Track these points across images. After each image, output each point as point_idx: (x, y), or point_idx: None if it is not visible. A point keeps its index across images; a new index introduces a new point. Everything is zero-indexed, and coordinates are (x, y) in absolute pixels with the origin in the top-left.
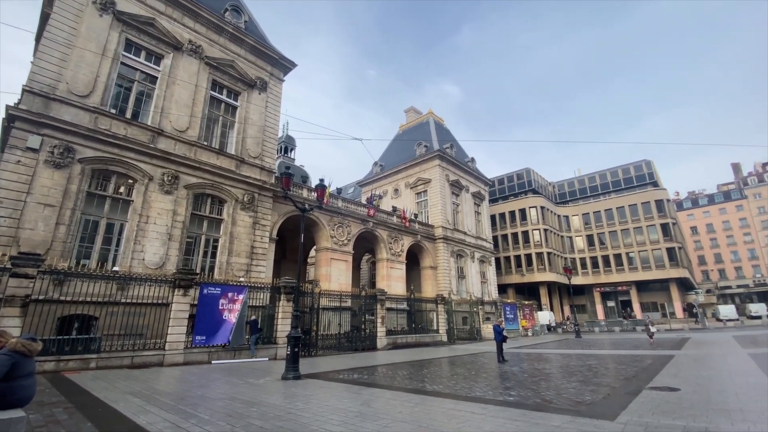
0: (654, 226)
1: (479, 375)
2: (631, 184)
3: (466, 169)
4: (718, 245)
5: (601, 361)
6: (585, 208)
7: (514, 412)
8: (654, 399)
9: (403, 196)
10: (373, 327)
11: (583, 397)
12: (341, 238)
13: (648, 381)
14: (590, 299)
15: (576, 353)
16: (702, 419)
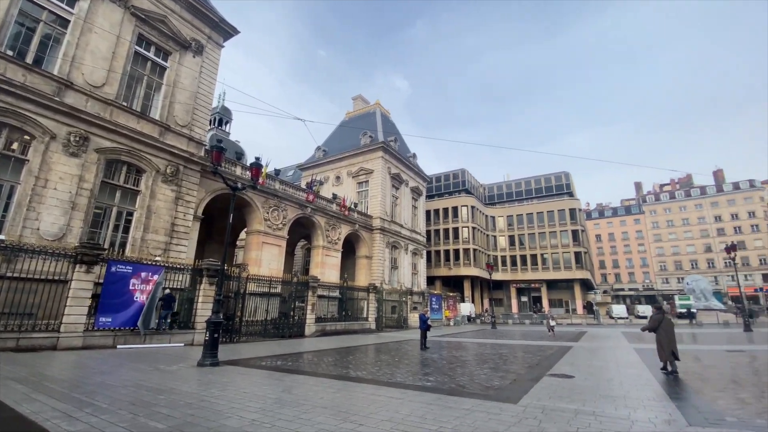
0: (566, 231)
1: (402, 362)
2: (551, 193)
3: (407, 164)
4: (617, 252)
5: (511, 350)
6: (510, 210)
7: (431, 396)
8: (552, 385)
9: (345, 185)
10: (302, 314)
11: (493, 383)
12: (276, 222)
13: (548, 369)
14: (507, 294)
15: (490, 342)
16: (591, 404)
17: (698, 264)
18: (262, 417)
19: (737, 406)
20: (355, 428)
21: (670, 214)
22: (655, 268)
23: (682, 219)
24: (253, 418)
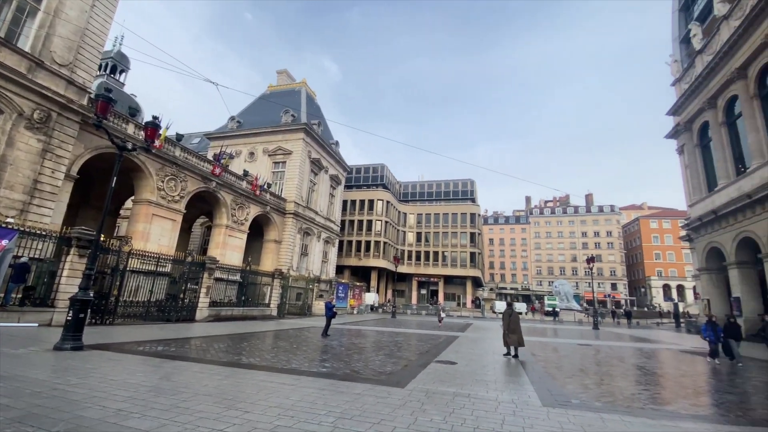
0: (466, 233)
1: (300, 348)
2: (457, 197)
3: (329, 151)
4: (504, 255)
5: (406, 338)
6: (421, 209)
7: (324, 382)
8: (437, 370)
9: (259, 162)
10: (194, 297)
11: (386, 368)
12: (172, 193)
13: (436, 355)
14: (409, 286)
15: (389, 331)
16: (468, 387)
17: (565, 270)
18: (131, 406)
19: (581, 390)
20: (239, 416)
21: (550, 227)
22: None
23: (557, 231)
24: (120, 408)
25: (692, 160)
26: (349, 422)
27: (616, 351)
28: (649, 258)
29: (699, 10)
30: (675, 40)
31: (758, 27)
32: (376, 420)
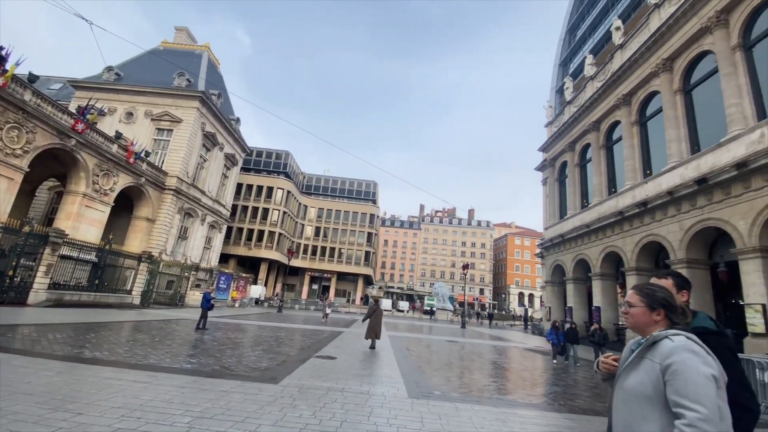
0: (363, 232)
1: (163, 342)
2: (360, 196)
3: (228, 127)
4: (396, 257)
5: (289, 333)
6: (323, 203)
7: (186, 379)
8: (316, 365)
9: (139, 126)
10: (29, 276)
11: (261, 364)
12: (13, 144)
13: (317, 351)
14: (301, 281)
15: (271, 325)
16: (343, 381)
17: (445, 274)
18: None
19: (444, 382)
20: (69, 418)
21: (437, 234)
22: (418, 273)
23: (443, 239)
24: None
25: (551, 191)
26: (208, 422)
27: (476, 348)
28: (511, 269)
29: (574, 67)
30: (552, 89)
31: (615, 89)
32: (240, 418)
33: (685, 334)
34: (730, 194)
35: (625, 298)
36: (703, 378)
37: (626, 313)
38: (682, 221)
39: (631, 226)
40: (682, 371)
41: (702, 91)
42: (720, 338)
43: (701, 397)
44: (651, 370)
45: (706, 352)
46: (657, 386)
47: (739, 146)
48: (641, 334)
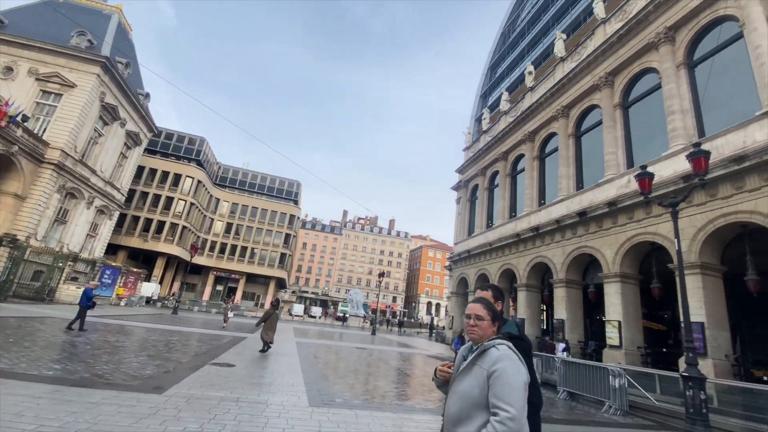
0: (281, 233)
1: (20, 344)
2: (281, 195)
3: (134, 102)
4: (313, 261)
5: (183, 338)
6: (238, 198)
7: (45, 388)
8: (210, 373)
9: (19, 84)
10: None
11: (144, 372)
12: None
13: (214, 357)
14: (204, 280)
15: (163, 328)
16: (239, 391)
17: (361, 281)
18: None
19: (348, 389)
20: None
21: (357, 241)
22: (335, 279)
23: (363, 246)
24: None
25: (463, 210)
26: None
27: (384, 355)
28: (423, 279)
29: (492, 101)
30: (473, 117)
31: (523, 126)
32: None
33: (507, 343)
34: (602, 227)
35: (469, 310)
36: (518, 384)
37: (474, 326)
38: (565, 247)
39: (525, 248)
40: (503, 376)
41: (589, 138)
42: (521, 342)
43: (514, 399)
44: (480, 375)
45: (520, 360)
46: (483, 389)
47: (611, 188)
48: (479, 343)
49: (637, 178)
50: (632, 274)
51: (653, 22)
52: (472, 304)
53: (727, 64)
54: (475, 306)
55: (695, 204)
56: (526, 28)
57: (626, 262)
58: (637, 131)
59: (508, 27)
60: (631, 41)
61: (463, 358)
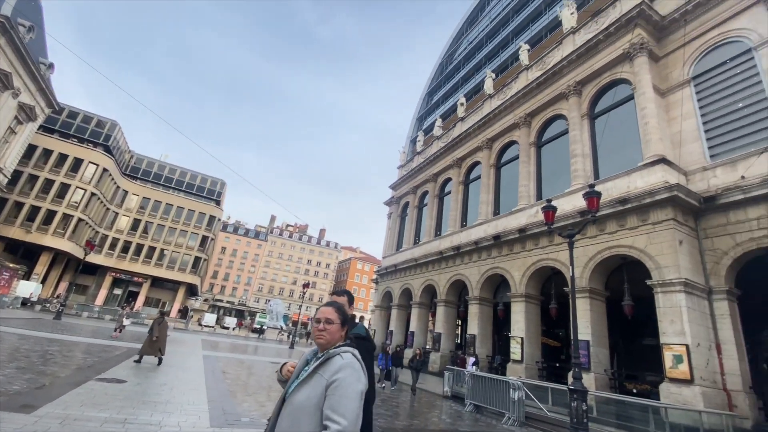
0: (198, 235)
1: None
2: (201, 194)
3: (33, 71)
4: (232, 267)
5: (65, 348)
6: (151, 193)
7: None
8: (94, 390)
9: None
10: None
11: (10, 387)
12: None
13: (101, 372)
14: (99, 282)
15: (40, 336)
16: (127, 410)
17: (284, 292)
18: None
19: (256, 408)
20: None
21: (284, 249)
22: (254, 287)
23: (289, 255)
24: None
25: (394, 225)
26: None
27: None
28: None
29: (427, 124)
30: (408, 137)
31: (452, 152)
32: None
33: (352, 351)
34: (513, 251)
35: (319, 314)
36: (355, 394)
37: (323, 330)
38: (481, 266)
39: (446, 265)
40: (341, 387)
41: (507, 169)
42: (367, 343)
43: (347, 411)
44: (319, 385)
45: (362, 368)
46: (320, 401)
47: (523, 216)
48: (325, 348)
49: (543, 210)
50: (535, 295)
51: (566, 75)
52: (324, 308)
53: (620, 119)
54: (327, 309)
55: (588, 236)
56: (462, 62)
57: (531, 284)
58: (547, 168)
59: (446, 58)
60: (547, 89)
61: (306, 363)
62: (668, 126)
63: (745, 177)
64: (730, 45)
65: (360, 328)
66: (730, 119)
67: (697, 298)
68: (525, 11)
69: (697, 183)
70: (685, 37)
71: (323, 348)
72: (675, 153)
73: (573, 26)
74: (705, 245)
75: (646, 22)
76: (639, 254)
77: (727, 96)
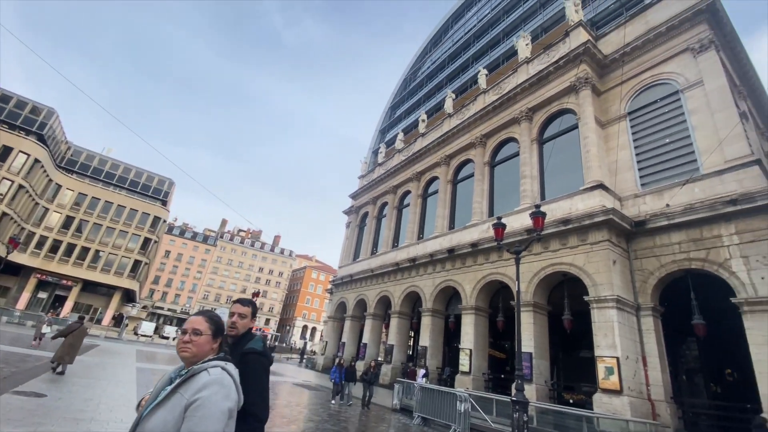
0: (139, 236)
1: None
2: (146, 192)
3: None
4: (176, 273)
5: None
6: (89, 188)
7: None
8: (10, 405)
9: None
10: None
11: None
12: None
13: (18, 384)
14: (22, 284)
15: None
16: (47, 426)
17: (232, 300)
18: None
19: None
20: None
21: (234, 255)
22: (200, 295)
23: (240, 261)
24: None
25: (352, 235)
26: None
27: None
28: (302, 302)
29: (390, 137)
30: (371, 148)
31: (412, 166)
32: None
33: (222, 365)
34: (465, 264)
35: (186, 324)
36: (219, 414)
37: (188, 342)
38: (435, 279)
39: (402, 277)
40: (203, 407)
41: (463, 186)
42: (261, 358)
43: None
44: (177, 406)
45: (234, 385)
46: (177, 425)
47: (475, 232)
48: (192, 363)
49: (494, 227)
50: (484, 308)
51: (519, 101)
52: (193, 317)
53: (566, 146)
54: (195, 318)
55: (534, 253)
56: (425, 80)
57: (481, 297)
58: (499, 187)
59: (410, 75)
60: (502, 113)
61: (170, 382)
62: (607, 155)
63: (669, 205)
64: (661, 86)
65: (257, 341)
66: (659, 152)
67: (627, 314)
68: (485, 38)
69: (629, 208)
70: (623, 76)
71: (189, 363)
72: (612, 180)
73: (527, 56)
74: (635, 265)
75: (591, 59)
76: (578, 272)
77: (656, 131)
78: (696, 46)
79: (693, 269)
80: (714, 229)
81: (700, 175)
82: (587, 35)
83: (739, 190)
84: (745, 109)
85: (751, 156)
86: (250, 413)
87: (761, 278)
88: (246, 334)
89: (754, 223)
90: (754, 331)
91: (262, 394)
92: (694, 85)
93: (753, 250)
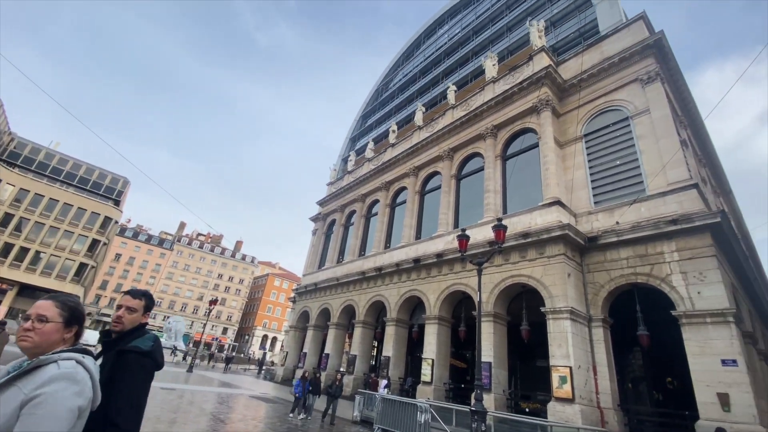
0: (87, 237)
1: None
2: (97, 190)
3: None
4: (127, 277)
5: None
6: (32, 184)
7: None
8: None
9: None
10: None
11: None
12: None
13: None
14: None
15: None
16: None
17: (187, 307)
18: None
19: None
20: None
21: (192, 260)
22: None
23: (197, 267)
24: None
25: (318, 242)
26: None
27: (198, 396)
28: (263, 310)
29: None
30: (340, 156)
31: (382, 175)
32: None
33: (77, 357)
34: (430, 274)
35: (31, 309)
36: (65, 412)
37: (29, 330)
38: (400, 288)
39: (368, 286)
40: (46, 403)
41: (431, 197)
42: (143, 359)
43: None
44: (13, 402)
45: (90, 379)
46: (8, 424)
47: (441, 242)
48: (36, 355)
49: (458, 238)
50: (447, 318)
51: (485, 118)
52: (40, 301)
53: (527, 163)
54: (42, 303)
55: (495, 265)
56: (396, 92)
57: (444, 307)
58: (465, 199)
59: (382, 86)
60: (469, 128)
61: (7, 373)
62: (564, 173)
63: (619, 223)
64: (614, 112)
65: (145, 340)
66: (611, 173)
67: (579, 325)
68: (455, 55)
69: (583, 224)
70: (580, 101)
71: (31, 355)
72: (568, 197)
73: (494, 76)
74: (587, 278)
75: (551, 83)
76: (536, 283)
77: (609, 154)
78: (644, 77)
79: (639, 283)
80: (657, 246)
81: (646, 196)
82: (549, 60)
83: (680, 210)
84: (686, 137)
85: (690, 180)
86: (111, 423)
87: (698, 293)
88: (134, 331)
89: (692, 241)
90: (691, 342)
91: (131, 402)
92: (642, 112)
93: (691, 266)
